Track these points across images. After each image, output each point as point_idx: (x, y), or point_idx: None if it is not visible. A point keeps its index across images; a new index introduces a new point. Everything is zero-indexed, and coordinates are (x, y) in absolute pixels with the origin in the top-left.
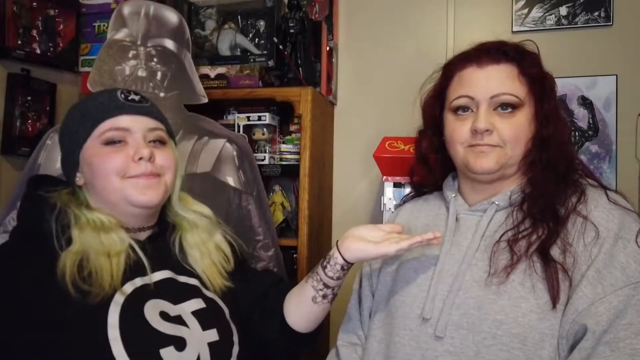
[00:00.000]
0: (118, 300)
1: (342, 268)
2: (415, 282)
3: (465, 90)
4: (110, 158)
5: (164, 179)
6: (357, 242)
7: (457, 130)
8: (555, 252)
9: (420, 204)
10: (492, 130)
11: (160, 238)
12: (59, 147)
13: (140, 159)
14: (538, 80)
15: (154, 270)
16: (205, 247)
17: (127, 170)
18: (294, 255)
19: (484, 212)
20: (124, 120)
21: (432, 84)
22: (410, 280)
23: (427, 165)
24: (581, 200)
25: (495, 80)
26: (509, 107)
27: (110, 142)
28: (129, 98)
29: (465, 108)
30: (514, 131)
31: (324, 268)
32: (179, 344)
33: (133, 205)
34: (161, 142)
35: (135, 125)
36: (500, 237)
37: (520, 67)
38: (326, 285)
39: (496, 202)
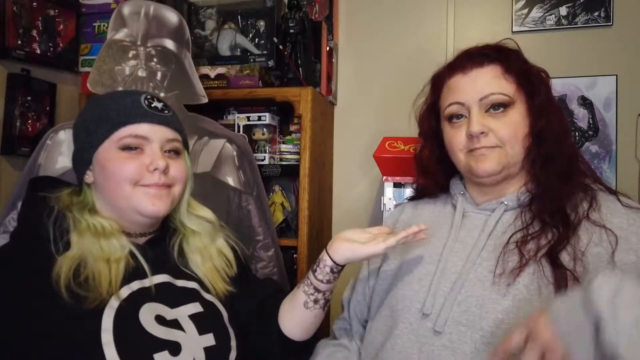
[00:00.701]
0: (113, 304)
1: (332, 270)
2: (417, 277)
3: (454, 97)
4: (126, 165)
5: (173, 190)
6: (345, 243)
7: (455, 137)
8: (564, 258)
9: (426, 201)
10: (487, 132)
11: (159, 242)
12: (72, 140)
13: (155, 169)
14: (524, 76)
15: (152, 274)
16: (207, 251)
17: (141, 179)
18: (294, 255)
19: (492, 211)
20: (144, 129)
21: (424, 97)
22: (412, 275)
23: (431, 176)
24: (593, 207)
25: (481, 83)
26: (500, 106)
27: (126, 148)
28: (152, 105)
29: (458, 115)
30: (509, 130)
31: (314, 272)
32: (174, 348)
33: (140, 214)
34: (176, 152)
35: (155, 134)
36: (509, 239)
37: (504, 66)
38: (317, 290)
39: (505, 202)
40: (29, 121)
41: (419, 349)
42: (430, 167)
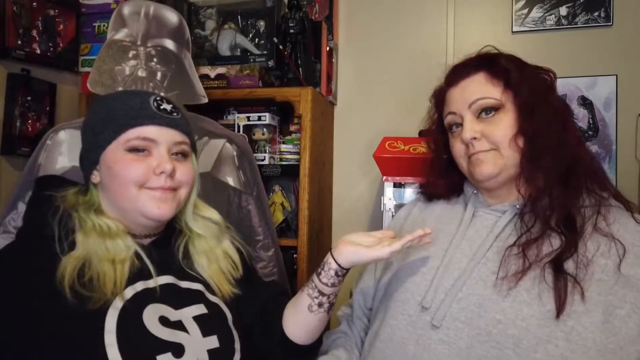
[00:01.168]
0: (117, 305)
1: (337, 274)
2: (420, 271)
3: (448, 108)
4: (132, 167)
5: (179, 193)
6: (350, 246)
7: (455, 146)
8: (569, 265)
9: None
10: (480, 137)
11: (164, 243)
12: (80, 139)
13: (162, 172)
14: (505, 77)
15: (156, 275)
16: (213, 253)
17: (147, 181)
18: (294, 256)
19: (503, 213)
20: (152, 131)
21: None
22: (415, 268)
23: (444, 183)
24: (604, 216)
25: (468, 91)
26: (490, 110)
27: (133, 150)
28: (161, 107)
29: (456, 125)
30: (501, 132)
31: (319, 275)
32: (177, 350)
33: (145, 217)
34: (184, 155)
35: (162, 137)
36: (515, 242)
37: (489, 72)
38: (321, 293)
39: (517, 206)
40: (29, 121)
41: (416, 340)
42: (442, 175)
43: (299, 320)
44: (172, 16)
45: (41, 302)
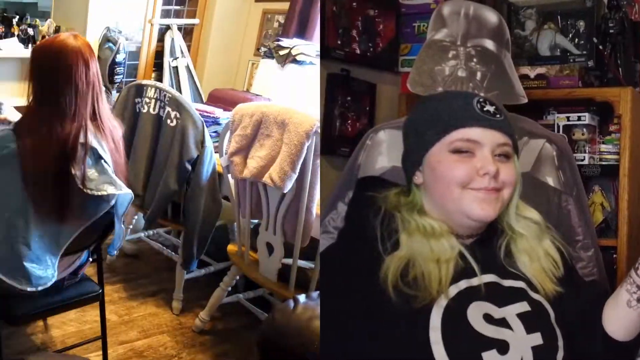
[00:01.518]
0: (441, 303)
1: None
2: None
3: None
4: (456, 168)
5: (502, 194)
6: None
7: None
8: None
9: None
10: None
11: (486, 242)
12: (402, 140)
13: (485, 174)
14: None
15: (480, 273)
16: (535, 252)
17: (470, 182)
18: (614, 256)
19: None
20: (476, 133)
21: None
22: None
23: None
24: None
25: None
26: None
27: (457, 151)
28: (484, 109)
29: None
30: None
31: (636, 270)
32: (502, 347)
33: (469, 218)
34: (506, 156)
35: (486, 138)
36: None
37: None
38: (639, 288)
39: None
40: (349, 121)
41: None
42: None
43: (619, 316)
44: (492, 16)
45: (367, 301)
